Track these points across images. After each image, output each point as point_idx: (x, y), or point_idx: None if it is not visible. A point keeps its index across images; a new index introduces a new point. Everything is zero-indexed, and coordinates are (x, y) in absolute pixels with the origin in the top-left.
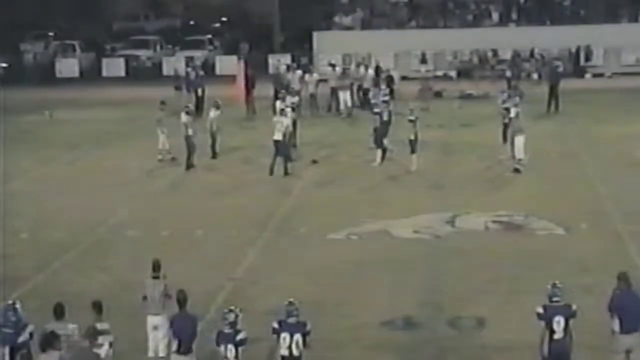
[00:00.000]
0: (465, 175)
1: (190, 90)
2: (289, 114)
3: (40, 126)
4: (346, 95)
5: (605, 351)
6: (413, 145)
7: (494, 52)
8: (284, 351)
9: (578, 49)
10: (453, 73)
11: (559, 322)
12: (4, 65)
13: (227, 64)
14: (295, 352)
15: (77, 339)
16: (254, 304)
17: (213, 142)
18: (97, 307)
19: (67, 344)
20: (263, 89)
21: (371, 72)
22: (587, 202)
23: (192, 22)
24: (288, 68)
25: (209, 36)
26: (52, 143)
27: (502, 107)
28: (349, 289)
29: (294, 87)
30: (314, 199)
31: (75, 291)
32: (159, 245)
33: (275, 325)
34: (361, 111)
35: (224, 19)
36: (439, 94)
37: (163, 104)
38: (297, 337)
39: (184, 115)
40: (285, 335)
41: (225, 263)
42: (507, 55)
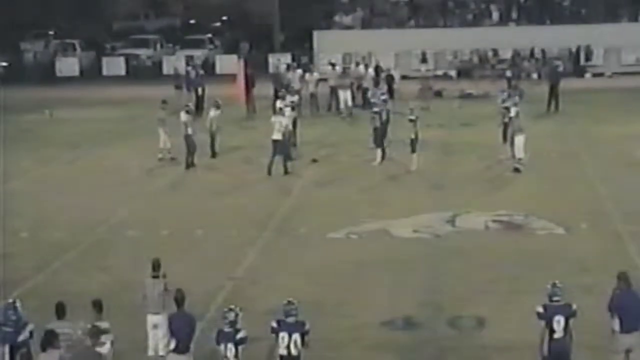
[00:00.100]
0: (465, 174)
1: (190, 90)
2: (288, 112)
3: (41, 125)
4: (347, 95)
5: (605, 351)
6: (413, 144)
7: (494, 52)
8: (283, 351)
9: (578, 48)
10: (453, 72)
11: (559, 322)
12: (4, 64)
13: (227, 63)
14: (293, 351)
15: (79, 337)
16: (254, 304)
17: (212, 141)
18: (97, 306)
19: (69, 343)
20: (263, 89)
21: (371, 72)
22: (587, 202)
23: (192, 21)
24: (288, 67)
25: (209, 35)
26: (52, 142)
27: (502, 106)
28: (349, 289)
29: (294, 87)
30: (314, 198)
31: (75, 291)
32: (159, 244)
33: (274, 324)
34: (361, 111)
35: (224, 18)
36: (439, 94)
37: (164, 103)
38: (296, 337)
39: (183, 115)
40: (283, 335)
41: (225, 262)
42: (507, 55)
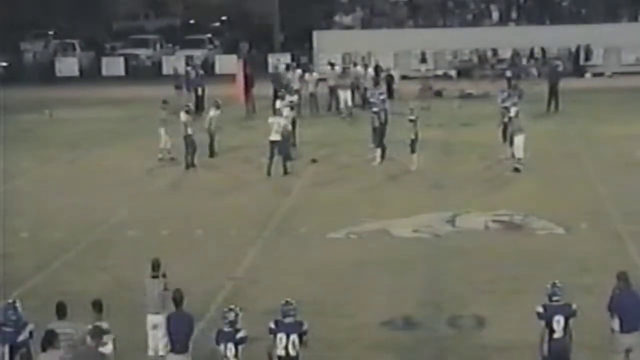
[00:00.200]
0: (465, 174)
1: (190, 90)
2: (287, 112)
3: (40, 125)
4: (347, 95)
5: (605, 351)
6: (413, 144)
7: (494, 52)
8: (281, 351)
9: (578, 48)
10: (453, 72)
11: (559, 322)
12: (4, 64)
13: (226, 63)
14: (291, 352)
15: (80, 337)
16: (254, 304)
17: (211, 141)
18: (97, 306)
19: (69, 343)
20: (263, 89)
21: (371, 72)
22: (587, 202)
23: (192, 21)
24: (288, 67)
25: (209, 35)
26: (52, 142)
27: (502, 106)
28: (349, 289)
29: (293, 87)
30: (313, 198)
31: (75, 291)
32: (159, 244)
33: (272, 325)
34: (361, 111)
35: (224, 18)
36: (439, 94)
37: (165, 103)
38: (294, 337)
39: (183, 115)
40: (281, 336)
41: (225, 262)
42: (507, 55)
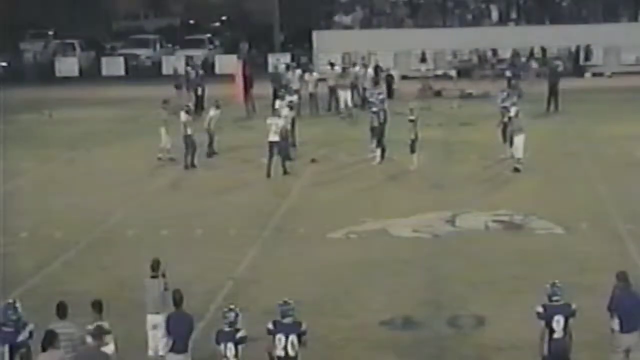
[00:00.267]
0: (465, 174)
1: (190, 90)
2: (286, 112)
3: (40, 125)
4: (347, 95)
5: (605, 350)
6: (413, 144)
7: (494, 52)
8: (280, 352)
9: (578, 48)
10: (453, 72)
11: (559, 322)
12: (4, 64)
13: (226, 63)
14: (291, 352)
15: (80, 337)
16: (254, 303)
17: (210, 140)
18: (97, 306)
19: (70, 343)
20: (263, 88)
21: (370, 72)
22: (587, 202)
23: (191, 21)
24: (288, 67)
25: (209, 35)
26: (51, 142)
27: (502, 106)
28: (349, 289)
29: (292, 87)
30: (313, 198)
31: (75, 290)
32: (158, 244)
33: (270, 326)
34: (361, 111)
35: (224, 18)
36: (438, 93)
37: (166, 103)
38: (293, 338)
39: (183, 115)
40: (280, 337)
41: (225, 262)
42: (506, 55)
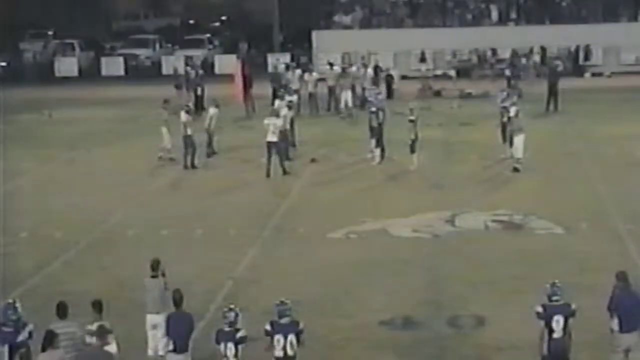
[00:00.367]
0: (465, 174)
1: (189, 90)
2: (285, 112)
3: (40, 125)
4: (347, 95)
5: (605, 350)
6: (413, 144)
7: (493, 51)
8: (279, 352)
9: (577, 48)
10: (452, 72)
11: (558, 322)
12: (3, 64)
13: (226, 63)
14: (289, 352)
15: (81, 337)
16: (254, 303)
17: (210, 140)
18: (97, 306)
19: (72, 342)
20: (263, 88)
21: (370, 72)
22: (587, 202)
23: (191, 21)
24: (287, 67)
25: (208, 35)
26: (51, 142)
27: (501, 106)
28: (348, 289)
29: (292, 87)
30: (313, 198)
31: (75, 290)
32: (158, 244)
33: (268, 327)
34: (360, 111)
35: (224, 18)
36: (438, 93)
37: (166, 103)
38: (291, 338)
39: (183, 115)
40: (279, 338)
41: (224, 262)
42: (506, 55)
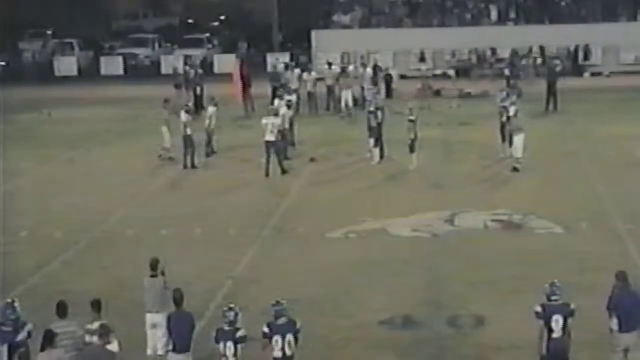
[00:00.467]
0: (465, 174)
1: (189, 89)
2: (284, 111)
3: (39, 125)
4: (348, 95)
5: (604, 350)
6: (412, 144)
7: (493, 51)
8: (278, 353)
9: (577, 47)
10: (452, 72)
11: (558, 321)
12: (3, 64)
13: (225, 63)
14: (288, 352)
15: (81, 336)
16: (254, 303)
17: (209, 140)
18: (97, 306)
19: (73, 342)
20: (262, 88)
21: (370, 71)
22: (587, 202)
23: (191, 21)
24: (287, 67)
25: (208, 35)
26: (51, 142)
27: (501, 105)
28: (348, 289)
29: (291, 86)
30: (312, 198)
31: (74, 290)
32: (158, 244)
33: (266, 330)
34: (360, 110)
35: (223, 18)
36: (438, 93)
37: (167, 103)
38: (289, 338)
39: (183, 115)
40: (277, 339)
41: (224, 262)
42: (505, 54)
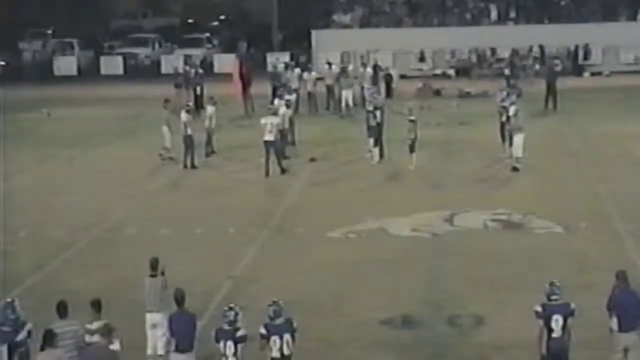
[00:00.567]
0: (464, 173)
1: (189, 89)
2: (283, 111)
3: (39, 124)
4: (348, 94)
5: (604, 350)
6: (412, 144)
7: (493, 51)
8: (276, 353)
9: (577, 47)
10: (451, 71)
11: (557, 321)
12: (2, 63)
13: (225, 62)
14: (286, 352)
15: (82, 336)
16: (253, 302)
17: (209, 139)
18: (96, 305)
19: (74, 341)
20: (262, 88)
21: (369, 71)
22: (587, 201)
23: (190, 20)
24: (287, 66)
25: (208, 34)
26: (50, 141)
27: (501, 105)
28: (348, 288)
29: (291, 86)
30: (312, 197)
31: (74, 289)
32: (158, 243)
33: (263, 331)
34: (360, 110)
35: (223, 17)
36: (437, 93)
37: (167, 102)
38: (287, 337)
39: (184, 114)
40: (275, 339)
41: (224, 261)
42: (505, 54)
